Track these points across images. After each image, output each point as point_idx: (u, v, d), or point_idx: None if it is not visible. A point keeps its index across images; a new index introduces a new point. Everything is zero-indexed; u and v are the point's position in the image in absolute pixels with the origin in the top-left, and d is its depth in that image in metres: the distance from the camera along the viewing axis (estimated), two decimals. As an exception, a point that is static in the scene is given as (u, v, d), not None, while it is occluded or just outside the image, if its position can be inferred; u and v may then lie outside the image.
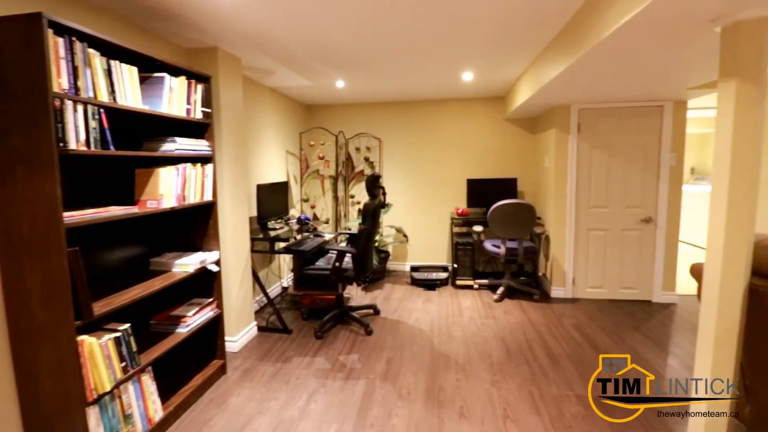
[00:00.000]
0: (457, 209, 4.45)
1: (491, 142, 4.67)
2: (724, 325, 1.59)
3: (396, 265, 4.89)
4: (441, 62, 3.09)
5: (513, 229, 3.71)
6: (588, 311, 3.48)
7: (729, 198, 1.56)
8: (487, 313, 3.47)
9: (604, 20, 1.80)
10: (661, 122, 3.66)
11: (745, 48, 1.53)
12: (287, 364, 2.59)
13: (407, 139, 4.77)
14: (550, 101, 3.61)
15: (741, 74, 1.53)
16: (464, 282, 4.18)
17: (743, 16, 1.51)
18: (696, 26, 1.67)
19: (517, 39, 2.56)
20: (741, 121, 1.54)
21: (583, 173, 3.80)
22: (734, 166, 1.55)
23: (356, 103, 4.80)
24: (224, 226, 2.63)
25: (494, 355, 2.69)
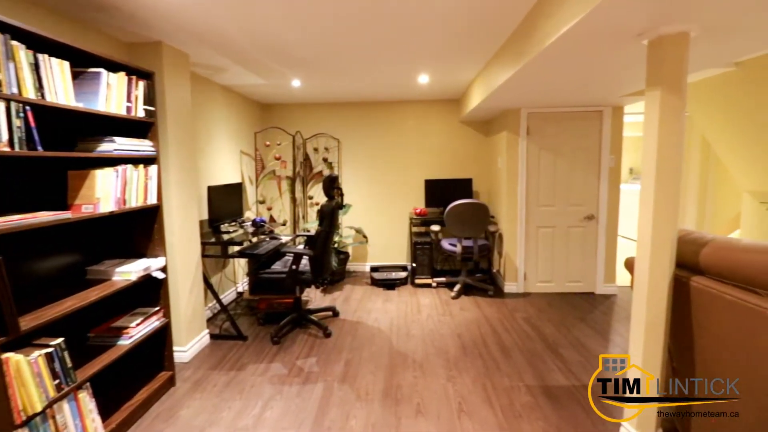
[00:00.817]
0: (415, 209, 4.52)
1: (448, 143, 4.78)
2: (653, 313, 1.74)
3: (356, 265, 4.89)
4: (396, 64, 3.13)
5: (468, 228, 3.82)
6: (538, 305, 3.67)
7: (655, 197, 1.71)
8: (444, 310, 3.56)
9: (544, 31, 1.90)
10: (601, 126, 3.93)
11: (668, 60, 1.67)
12: (242, 371, 2.51)
13: (366, 140, 4.79)
14: (502, 105, 3.77)
15: (665, 84, 1.68)
16: (423, 281, 4.25)
17: (666, 31, 1.66)
18: (625, 39, 1.81)
19: (468, 44, 2.64)
20: (665, 127, 1.69)
21: (532, 174, 4.00)
22: (659, 168, 1.70)
23: (314, 103, 4.74)
24: (171, 231, 2.50)
25: (450, 351, 2.76)
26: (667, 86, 1.67)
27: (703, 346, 1.67)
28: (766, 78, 3.13)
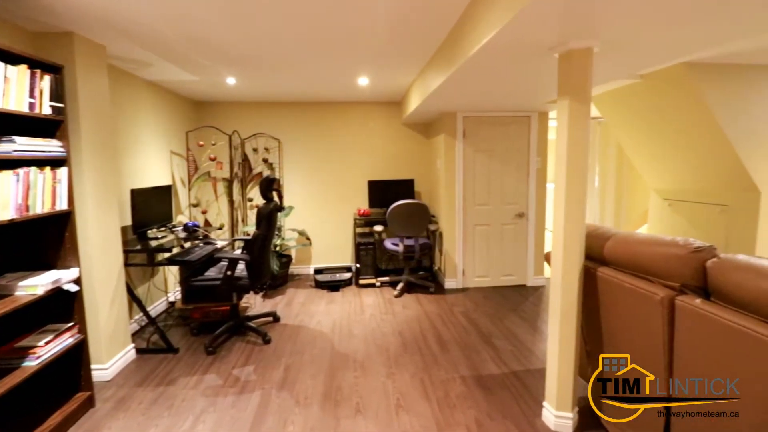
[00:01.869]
0: (359, 210, 4.54)
1: (390, 144, 4.86)
2: (567, 301, 1.91)
3: (300, 268, 4.81)
4: (335, 66, 3.12)
5: (409, 227, 3.92)
6: (475, 299, 3.85)
7: (566, 196, 1.87)
8: (387, 309, 3.61)
9: (469, 41, 2.01)
10: (529, 130, 4.22)
11: (575, 72, 1.84)
12: (171, 386, 2.37)
13: (308, 141, 4.72)
14: (439, 109, 3.91)
15: (572, 93, 1.84)
16: (367, 281, 4.29)
17: (573, 46, 1.83)
18: (540, 52, 1.97)
19: (404, 50, 2.71)
20: (573, 132, 1.86)
21: (468, 174, 4.19)
22: (569, 169, 1.87)
23: (252, 102, 4.59)
24: (86, 239, 2.29)
25: (391, 349, 2.81)
26: (575, 95, 1.84)
27: (609, 328, 1.86)
28: (665, 89, 3.55)
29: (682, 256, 1.49)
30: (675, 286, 1.52)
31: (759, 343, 1.16)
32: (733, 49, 2.94)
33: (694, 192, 4.05)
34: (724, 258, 1.39)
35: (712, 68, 3.28)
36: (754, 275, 1.25)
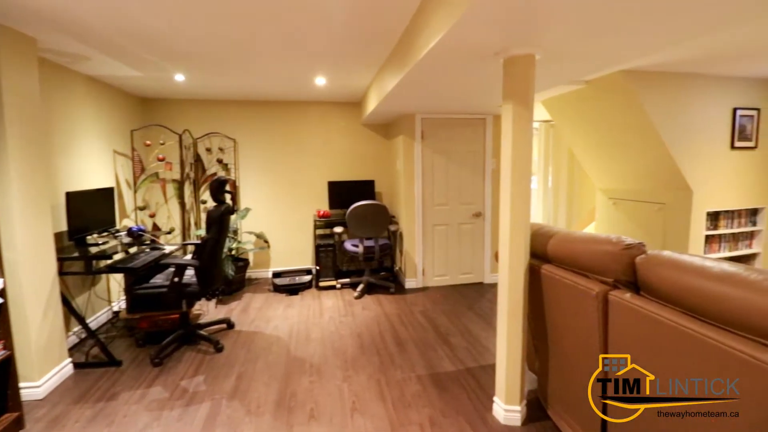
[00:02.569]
0: (318, 211, 4.48)
1: (351, 145, 4.84)
2: (514, 298, 1.97)
3: (258, 272, 4.67)
4: (289, 65, 3.06)
5: (369, 228, 3.92)
6: (434, 298, 3.91)
7: (512, 196, 1.94)
8: (346, 311, 3.59)
9: (419, 45, 2.03)
10: (484, 132, 4.34)
11: (519, 77, 1.91)
12: (113, 401, 2.22)
13: (266, 141, 4.60)
14: (398, 110, 3.93)
15: (516, 98, 1.91)
16: (327, 283, 4.24)
17: (516, 53, 1.89)
18: (486, 57, 2.02)
19: (359, 50, 2.70)
20: (517, 135, 1.92)
21: (427, 175, 4.24)
22: (514, 170, 1.93)
23: (205, 100, 4.41)
24: (12, 246, 2.11)
25: (349, 352, 2.79)
26: (518, 99, 1.90)
27: (553, 322, 1.94)
28: (607, 94, 3.77)
29: (615, 253, 1.58)
30: (609, 282, 1.61)
31: (678, 333, 1.24)
32: (664, 59, 3.17)
33: (635, 191, 4.32)
34: (650, 254, 1.49)
35: (648, 76, 3.52)
36: (675, 270, 1.34)
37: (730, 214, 3.90)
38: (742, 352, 1.06)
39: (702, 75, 3.66)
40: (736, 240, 3.98)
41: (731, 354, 1.08)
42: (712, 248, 3.88)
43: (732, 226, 3.92)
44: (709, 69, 3.55)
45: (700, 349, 1.18)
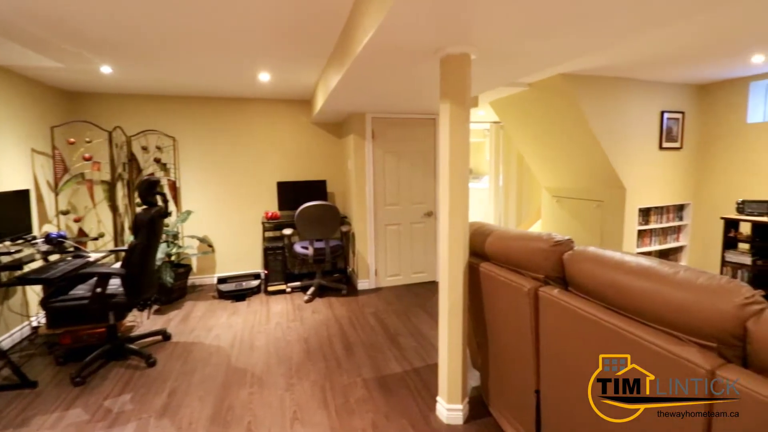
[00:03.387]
0: (266, 213, 4.32)
1: (301, 144, 4.70)
2: (454, 296, 1.97)
3: (202, 278, 4.43)
4: (228, 60, 2.91)
5: (319, 229, 3.82)
6: (386, 298, 3.88)
7: (450, 194, 1.93)
8: (295, 315, 3.47)
9: (355, 41, 1.98)
10: (435, 132, 4.37)
11: (455, 76, 1.91)
12: (23, 428, 1.99)
13: (210, 139, 4.37)
14: (347, 109, 3.86)
15: (453, 97, 1.90)
16: (276, 287, 4.09)
17: (452, 51, 1.89)
18: (423, 56, 2.00)
19: (300, 46, 2.61)
20: (455, 135, 1.92)
21: (379, 175, 4.21)
22: (452, 169, 1.92)
23: (140, 95, 4.11)
24: None
25: (294, 358, 2.69)
26: (455, 99, 1.90)
27: (491, 319, 1.96)
28: (548, 97, 3.91)
29: (545, 250, 1.61)
30: (541, 278, 1.64)
31: (599, 327, 1.27)
32: (599, 63, 3.34)
33: (576, 189, 4.53)
34: (576, 250, 1.53)
35: (585, 79, 3.69)
36: (596, 265, 1.38)
37: (659, 210, 4.19)
38: (656, 345, 1.09)
39: (633, 80, 3.89)
40: (665, 234, 4.28)
41: (647, 347, 1.12)
42: (645, 242, 4.14)
43: (661, 221, 4.21)
44: (640, 74, 3.78)
45: (619, 342, 1.21)
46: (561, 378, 1.50)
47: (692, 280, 1.10)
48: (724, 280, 1.04)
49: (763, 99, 3.89)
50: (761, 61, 3.31)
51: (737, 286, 1.01)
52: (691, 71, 3.67)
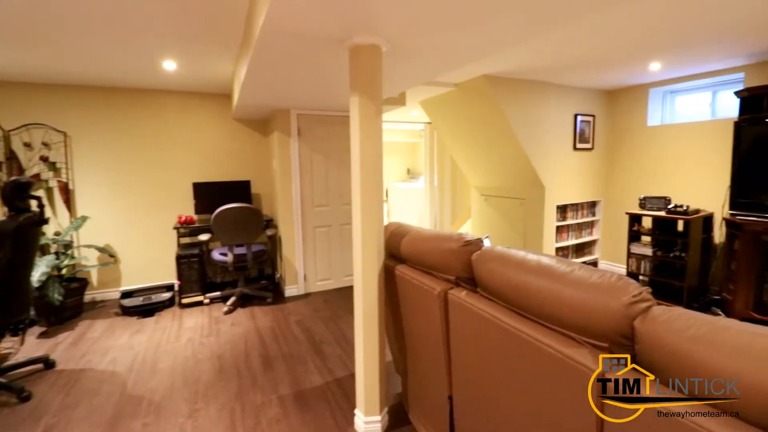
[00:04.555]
0: (180, 217, 3.92)
1: (222, 142, 4.35)
2: (369, 301, 1.85)
3: (104, 293, 3.91)
4: (123, 44, 2.55)
5: (239, 234, 3.53)
6: (315, 304, 3.70)
7: (362, 194, 1.82)
8: (211, 329, 3.16)
9: (255, 26, 1.79)
10: (364, 130, 4.25)
11: (365, 69, 1.79)
12: None
13: (111, 135, 3.86)
14: (269, 104, 3.61)
15: (362, 91, 1.79)
16: (192, 299, 3.72)
17: (359, 42, 1.77)
18: (330, 45, 1.86)
19: (205, 30, 2.35)
20: (365, 131, 1.81)
21: (305, 175, 4.01)
22: (363, 167, 1.81)
23: (20, 82, 3.51)
24: None
25: (203, 379, 2.42)
26: (364, 93, 1.79)
27: (407, 323, 1.87)
28: (473, 97, 3.97)
29: (456, 250, 1.54)
30: (452, 279, 1.57)
31: (501, 329, 1.22)
32: (516, 66, 3.44)
33: (501, 188, 4.68)
34: (483, 250, 1.48)
35: (505, 81, 3.79)
36: (500, 265, 1.33)
37: (575, 207, 4.45)
38: (551, 347, 1.05)
39: (549, 83, 4.09)
40: (580, 229, 4.56)
41: (543, 350, 1.07)
42: (562, 237, 4.38)
43: (577, 217, 4.48)
44: (555, 79, 3.98)
45: (520, 346, 1.16)
46: (472, 384, 1.44)
47: (585, 278, 1.07)
48: (614, 278, 1.02)
49: (660, 104, 4.29)
50: (658, 69, 3.62)
51: (625, 284, 0.99)
52: (600, 77, 3.93)
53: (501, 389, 1.28)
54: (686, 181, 3.89)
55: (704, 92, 4.01)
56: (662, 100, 4.28)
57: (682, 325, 0.85)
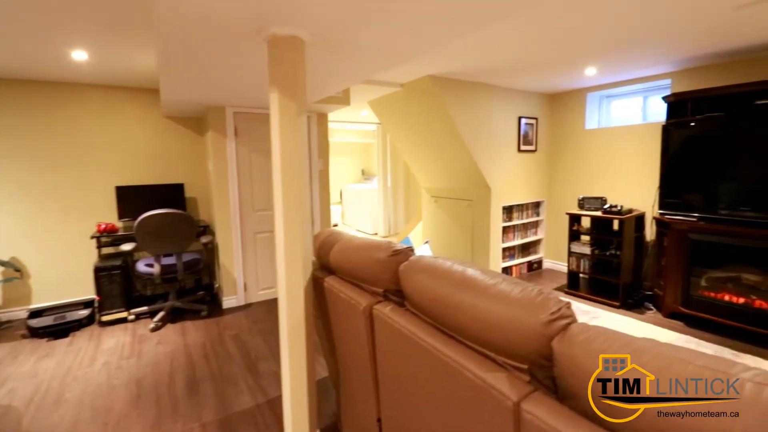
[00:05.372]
0: (99, 225, 3.53)
1: (152, 141, 3.98)
2: (294, 317, 1.69)
3: (9, 313, 3.43)
4: (16, 26, 2.21)
5: (166, 243, 3.23)
6: (256, 315, 3.46)
7: (283, 199, 1.65)
8: (133, 350, 2.85)
9: (154, 12, 1.57)
10: (308, 131, 4.07)
11: (285, 63, 1.63)
12: None
13: (15, 132, 3.40)
14: (201, 101, 3.33)
15: (282, 87, 1.62)
16: (114, 316, 3.35)
17: (278, 32, 1.61)
18: (245, 35, 1.69)
19: (115, 16, 2.07)
20: (285, 130, 1.64)
21: (245, 177, 3.76)
22: (284, 169, 1.65)
23: None
24: None
25: (116, 409, 2.14)
26: (285, 89, 1.63)
27: (338, 340, 1.74)
28: (420, 98, 3.91)
29: (383, 260, 1.43)
30: (380, 293, 1.46)
31: (422, 349, 1.12)
32: (459, 68, 3.40)
33: (450, 189, 4.67)
34: (410, 260, 1.37)
35: (451, 83, 3.76)
36: (426, 276, 1.23)
37: (520, 207, 4.53)
38: (469, 371, 0.96)
39: (494, 86, 4.12)
40: (526, 229, 4.65)
41: (462, 374, 0.97)
42: (509, 237, 4.44)
43: (522, 218, 4.56)
44: (499, 82, 4.01)
45: (441, 368, 1.06)
46: (399, 406, 1.33)
47: (507, 293, 0.99)
48: (535, 293, 0.94)
49: (597, 108, 4.46)
50: (593, 74, 3.74)
51: (545, 299, 0.91)
52: (541, 81, 4.01)
53: (426, 414, 1.17)
54: (621, 182, 4.07)
55: (636, 97, 4.21)
56: (599, 104, 4.45)
57: (599, 346, 0.78)
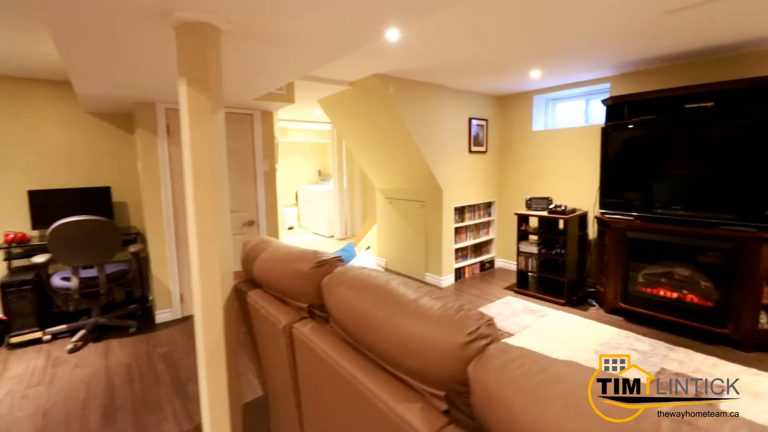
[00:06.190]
0: (7, 235, 3.12)
1: (71, 140, 3.58)
2: (212, 339, 1.51)
3: None
4: None
5: (85, 254, 2.90)
6: (191, 330, 3.16)
7: (195, 205, 1.47)
8: (43, 376, 2.51)
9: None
10: (252, 130, 3.85)
11: (196, 53, 1.44)
12: None
13: None
14: (125, 95, 3.02)
15: (193, 80, 1.44)
16: (26, 337, 2.96)
17: (188, 17, 1.42)
18: (149, 20, 1.49)
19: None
20: (196, 128, 1.45)
21: (179, 181, 3.46)
22: (195, 171, 1.46)
23: None
24: None
25: (9, 450, 1.85)
26: (196, 82, 1.44)
27: (264, 360, 1.59)
28: (369, 97, 3.78)
29: (306, 272, 1.29)
30: (305, 308, 1.32)
31: (337, 374, 0.99)
32: (407, 67, 3.32)
33: (403, 191, 4.59)
34: (335, 272, 1.24)
35: (400, 82, 3.66)
36: (349, 290, 1.11)
37: (472, 208, 4.54)
38: (383, 402, 0.84)
39: (444, 87, 4.09)
40: (478, 229, 4.67)
41: (375, 405, 0.86)
42: (461, 238, 4.43)
43: (474, 218, 4.57)
44: (449, 83, 3.98)
45: (355, 397, 0.94)
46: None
47: (427, 309, 0.89)
48: (454, 310, 0.85)
49: (543, 110, 4.57)
50: (538, 77, 3.80)
51: (464, 317, 0.82)
52: (490, 83, 4.03)
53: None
54: (565, 183, 4.17)
55: (579, 100, 4.35)
56: (545, 106, 4.56)
57: (512, 373, 0.69)
